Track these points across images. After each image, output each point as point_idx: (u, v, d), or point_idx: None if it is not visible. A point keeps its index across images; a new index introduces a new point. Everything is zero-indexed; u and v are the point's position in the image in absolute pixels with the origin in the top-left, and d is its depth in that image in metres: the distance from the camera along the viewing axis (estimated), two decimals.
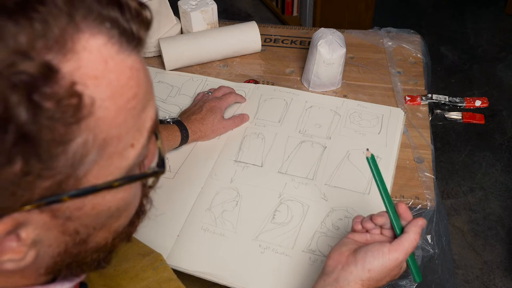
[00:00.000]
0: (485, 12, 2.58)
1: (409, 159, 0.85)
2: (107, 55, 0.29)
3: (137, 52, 0.31)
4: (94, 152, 0.29)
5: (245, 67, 1.06)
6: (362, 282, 0.54)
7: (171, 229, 0.75)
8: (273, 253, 0.72)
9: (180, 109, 0.95)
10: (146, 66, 0.33)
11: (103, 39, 0.29)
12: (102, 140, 0.29)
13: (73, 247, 0.34)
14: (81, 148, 0.28)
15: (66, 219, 0.32)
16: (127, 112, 0.30)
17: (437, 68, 2.24)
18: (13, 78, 0.25)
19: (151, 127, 0.34)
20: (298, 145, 0.87)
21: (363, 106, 0.93)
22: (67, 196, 0.29)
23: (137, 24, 0.30)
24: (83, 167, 0.29)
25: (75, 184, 0.30)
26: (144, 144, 0.33)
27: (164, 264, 0.60)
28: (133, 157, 0.32)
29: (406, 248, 0.54)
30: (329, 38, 0.91)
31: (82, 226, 0.33)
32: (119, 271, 0.57)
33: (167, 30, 1.09)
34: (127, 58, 0.30)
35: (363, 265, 0.54)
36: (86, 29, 0.28)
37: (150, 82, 0.34)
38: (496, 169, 1.84)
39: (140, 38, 0.31)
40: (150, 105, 0.33)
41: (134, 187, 0.36)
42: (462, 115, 0.95)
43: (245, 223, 0.76)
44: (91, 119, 0.28)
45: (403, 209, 0.57)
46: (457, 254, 1.59)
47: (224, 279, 0.70)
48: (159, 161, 0.37)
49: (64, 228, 0.32)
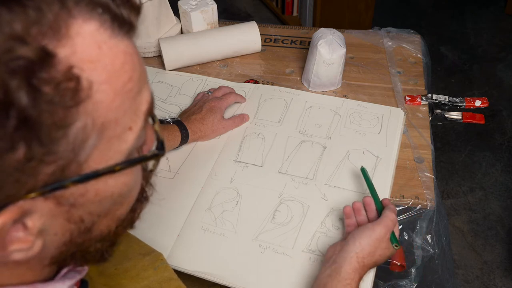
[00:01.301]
0: (485, 12, 2.58)
1: (409, 159, 0.85)
2: (100, 40, 0.29)
3: (129, 37, 0.32)
4: (94, 136, 0.30)
5: (245, 67, 1.06)
6: (356, 255, 0.61)
7: (171, 229, 0.75)
8: (273, 253, 0.72)
9: (180, 109, 0.95)
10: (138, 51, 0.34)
11: (95, 24, 0.29)
12: (101, 124, 0.30)
13: (78, 235, 0.35)
14: (81, 132, 0.29)
15: (71, 206, 0.32)
16: (124, 95, 0.31)
17: (437, 68, 2.24)
18: (12, 63, 0.25)
19: (147, 109, 0.34)
20: (298, 145, 0.87)
21: (363, 106, 0.93)
22: (70, 182, 0.30)
23: (127, 9, 0.31)
24: (84, 151, 0.30)
25: (77, 170, 0.30)
26: (141, 126, 0.34)
27: (164, 264, 0.60)
28: (132, 140, 0.33)
29: (386, 222, 0.64)
30: (329, 38, 0.92)
31: (87, 213, 0.34)
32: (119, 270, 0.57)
33: (167, 30, 1.09)
34: (120, 43, 0.31)
35: (354, 241, 0.63)
36: (78, 15, 0.28)
37: (144, 66, 0.34)
38: (496, 169, 1.84)
39: (131, 23, 0.32)
40: (145, 88, 0.34)
41: (135, 171, 0.37)
42: (462, 115, 0.95)
43: (245, 223, 0.76)
44: (89, 103, 0.28)
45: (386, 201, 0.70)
46: (457, 254, 1.59)
47: (224, 279, 0.70)
48: (158, 143, 0.38)
49: (69, 216, 0.33)
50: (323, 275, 0.62)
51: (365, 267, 0.62)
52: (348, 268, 0.61)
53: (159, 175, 0.82)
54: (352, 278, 0.60)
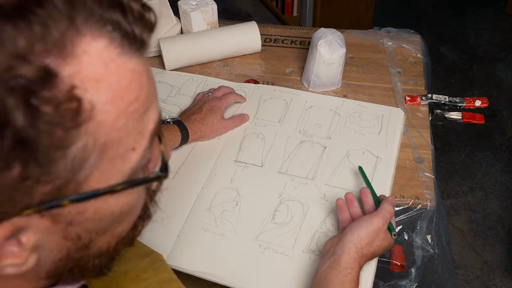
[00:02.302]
0: (485, 12, 2.58)
1: (409, 159, 0.84)
2: (108, 58, 0.29)
3: (140, 55, 0.31)
4: (95, 156, 0.29)
5: (245, 67, 1.06)
6: (355, 245, 0.63)
7: (171, 229, 0.75)
8: (273, 253, 0.72)
9: (180, 109, 0.95)
10: (150, 68, 0.33)
11: (104, 42, 0.28)
12: (103, 143, 0.29)
13: (75, 252, 0.34)
14: (81, 152, 0.28)
15: (68, 224, 0.31)
16: (129, 115, 0.30)
17: (437, 68, 2.24)
18: (11, 82, 0.24)
19: (154, 129, 0.33)
20: (298, 145, 0.87)
21: (363, 106, 0.93)
22: (67, 200, 0.29)
23: (140, 27, 0.30)
24: (83, 171, 0.29)
25: (76, 189, 0.29)
26: (146, 147, 0.33)
27: (164, 265, 0.60)
28: (135, 160, 0.32)
29: (383, 214, 0.65)
30: (329, 38, 0.91)
31: (84, 231, 0.33)
32: (119, 272, 0.57)
33: (167, 30, 1.09)
34: (129, 61, 0.30)
35: (352, 231, 0.64)
36: (87, 32, 0.28)
37: (153, 84, 0.33)
38: (496, 169, 1.84)
39: (143, 40, 0.31)
40: (153, 107, 0.33)
41: (138, 191, 0.36)
42: (462, 115, 0.95)
43: (245, 223, 0.75)
44: (91, 123, 0.28)
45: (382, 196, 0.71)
46: (457, 254, 1.59)
47: (224, 279, 0.70)
48: (162, 165, 0.36)
49: (65, 233, 0.32)
50: (323, 267, 0.63)
51: (364, 257, 0.63)
52: (347, 258, 0.62)
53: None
54: (352, 268, 0.61)
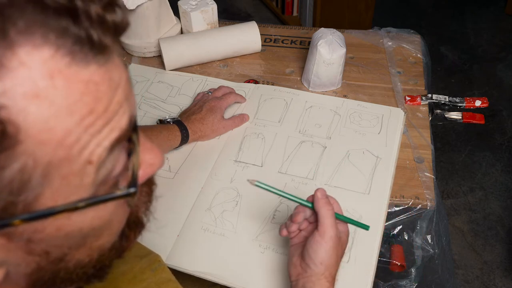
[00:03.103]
0: (485, 12, 2.58)
1: (409, 159, 0.84)
2: (53, 69, 0.26)
3: (100, 61, 0.28)
4: (38, 176, 0.27)
5: (245, 67, 1.06)
6: (323, 276, 0.57)
7: (171, 229, 0.75)
8: (273, 253, 0.72)
9: (180, 109, 0.95)
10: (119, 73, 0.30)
11: (49, 51, 0.25)
12: (47, 163, 0.27)
13: (48, 264, 0.33)
14: (19, 174, 0.26)
15: (27, 241, 0.30)
16: (82, 131, 0.27)
17: (437, 68, 2.24)
18: None
19: (118, 137, 0.30)
20: (298, 145, 0.87)
21: (363, 106, 0.93)
22: (17, 220, 0.27)
23: (99, 30, 0.27)
24: (29, 192, 0.27)
25: (25, 208, 0.28)
26: (105, 157, 0.30)
27: (162, 265, 0.60)
28: (93, 173, 0.29)
29: (328, 224, 0.58)
30: (329, 38, 0.91)
31: (52, 246, 0.32)
32: (117, 273, 0.57)
33: (167, 30, 1.09)
34: (82, 71, 0.27)
35: (314, 262, 0.58)
36: (26, 42, 0.25)
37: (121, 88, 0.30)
38: (496, 169, 1.84)
39: (103, 45, 0.28)
40: (120, 114, 0.30)
41: (112, 205, 0.33)
42: (462, 115, 0.95)
43: (245, 223, 0.75)
44: (28, 144, 0.25)
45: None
46: (457, 254, 1.59)
47: (224, 279, 0.70)
48: (132, 180, 0.33)
49: (28, 249, 0.31)
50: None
51: (334, 275, 0.59)
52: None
53: (159, 175, 0.82)
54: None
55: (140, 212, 0.39)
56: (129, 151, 0.33)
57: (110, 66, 0.29)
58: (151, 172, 0.36)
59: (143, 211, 0.39)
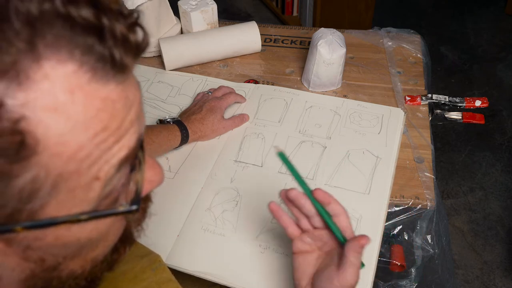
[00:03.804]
0: (485, 12, 2.58)
1: (409, 159, 0.84)
2: (75, 85, 0.26)
3: (118, 79, 0.28)
4: (48, 187, 0.27)
5: (245, 67, 1.06)
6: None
7: (171, 229, 0.75)
8: (273, 253, 0.72)
9: (180, 109, 0.95)
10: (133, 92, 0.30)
11: (73, 66, 0.26)
12: (58, 175, 0.27)
13: (42, 272, 0.33)
14: (30, 184, 0.26)
15: (25, 247, 0.30)
16: (93, 147, 0.28)
17: (437, 68, 2.24)
18: None
19: (125, 156, 0.31)
20: (298, 145, 0.87)
21: (363, 106, 0.93)
22: (20, 227, 0.28)
23: (121, 50, 0.28)
24: (36, 201, 0.27)
25: (29, 216, 0.28)
26: (112, 175, 0.30)
27: (162, 265, 0.60)
28: (99, 188, 0.30)
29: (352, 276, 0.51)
30: (329, 38, 0.91)
31: (48, 254, 0.32)
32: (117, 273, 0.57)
33: (167, 30, 1.09)
34: (101, 88, 0.27)
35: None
36: (51, 56, 0.25)
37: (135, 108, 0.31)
38: (496, 169, 1.84)
39: (123, 64, 0.28)
40: (130, 132, 0.30)
41: (111, 219, 0.34)
42: (462, 115, 0.95)
43: (245, 223, 0.75)
44: (42, 156, 0.26)
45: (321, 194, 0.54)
46: (457, 254, 1.59)
47: (224, 279, 0.70)
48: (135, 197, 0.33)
49: (25, 256, 0.31)
50: None
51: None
52: None
53: None
54: None
55: (133, 228, 0.39)
56: (131, 167, 0.33)
57: (127, 85, 0.30)
58: (150, 188, 0.37)
59: (135, 227, 0.39)
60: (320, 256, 0.56)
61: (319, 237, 0.56)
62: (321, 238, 0.56)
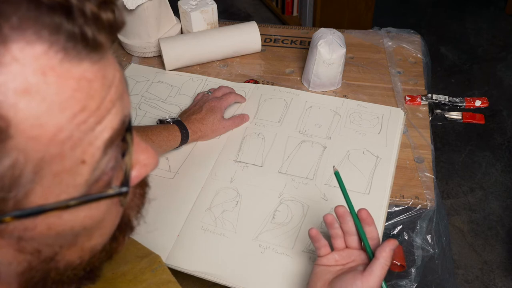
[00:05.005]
0: (485, 12, 2.58)
1: (409, 159, 0.84)
2: (46, 66, 0.26)
3: (93, 58, 0.28)
4: (30, 172, 0.27)
5: (245, 67, 1.06)
6: None
7: (171, 229, 0.75)
8: (273, 253, 0.72)
9: (180, 109, 0.95)
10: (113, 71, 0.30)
11: (42, 47, 0.26)
12: (39, 159, 0.27)
13: (39, 264, 0.33)
14: (10, 170, 0.26)
15: (18, 239, 0.30)
16: (74, 128, 0.27)
17: (437, 68, 2.24)
18: None
19: (110, 138, 0.30)
20: (298, 145, 0.87)
21: (363, 106, 0.93)
22: (8, 217, 0.27)
23: (93, 28, 0.27)
24: (20, 188, 0.27)
25: (16, 205, 0.28)
26: (99, 158, 0.30)
27: (162, 266, 0.60)
28: (87, 173, 0.29)
29: (378, 276, 0.55)
30: (329, 38, 0.91)
31: (43, 245, 0.32)
32: (117, 274, 0.57)
33: (167, 30, 1.09)
34: (75, 68, 0.27)
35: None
36: (19, 38, 0.25)
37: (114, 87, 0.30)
38: (496, 169, 1.84)
39: (97, 42, 0.28)
40: (113, 113, 0.30)
41: (104, 204, 0.33)
42: (462, 115, 0.95)
43: (245, 223, 0.75)
44: (19, 139, 0.25)
45: (365, 214, 0.59)
46: (457, 254, 1.59)
47: (224, 279, 0.70)
48: (124, 179, 0.33)
49: (19, 247, 0.31)
50: None
51: None
52: None
53: (159, 175, 0.82)
54: None
55: (132, 215, 0.39)
56: (123, 151, 0.33)
57: (104, 64, 0.29)
58: (145, 172, 0.36)
59: (134, 214, 0.39)
60: (342, 269, 0.60)
61: (347, 255, 0.60)
62: (349, 257, 0.60)
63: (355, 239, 0.60)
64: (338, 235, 0.60)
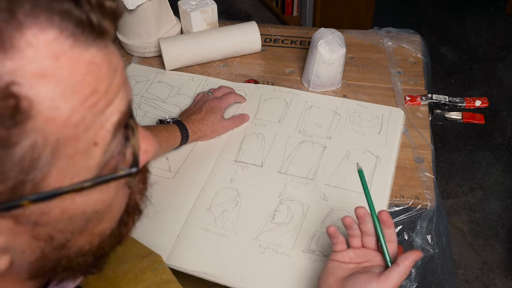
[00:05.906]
0: (485, 12, 2.58)
1: (409, 159, 0.84)
2: (58, 50, 0.27)
3: (99, 44, 0.29)
4: (47, 154, 0.28)
5: (245, 67, 1.06)
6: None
7: (171, 229, 0.75)
8: (273, 253, 0.72)
9: (180, 109, 0.95)
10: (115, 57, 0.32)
11: (53, 33, 0.27)
12: (55, 141, 0.28)
13: (51, 252, 0.33)
14: (30, 151, 0.27)
15: (34, 224, 0.30)
16: (86, 110, 0.29)
17: (437, 68, 2.24)
18: None
19: (119, 121, 0.31)
20: (298, 145, 0.87)
21: (363, 106, 0.93)
22: (26, 201, 0.28)
23: (98, 14, 0.29)
24: (37, 170, 0.28)
25: (33, 188, 0.28)
26: (109, 140, 0.31)
27: (163, 266, 0.60)
28: (99, 155, 0.31)
29: (395, 282, 0.54)
30: (329, 38, 0.91)
31: (56, 230, 0.32)
32: (118, 273, 0.57)
33: (167, 30, 1.09)
34: (84, 52, 0.28)
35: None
36: (32, 25, 0.26)
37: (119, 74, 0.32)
38: (496, 169, 1.84)
39: (102, 29, 0.29)
40: (120, 97, 0.31)
41: (113, 187, 0.34)
42: (462, 115, 0.95)
43: (245, 223, 0.76)
44: (38, 120, 0.26)
45: (386, 217, 0.58)
46: (457, 254, 1.59)
47: (224, 279, 0.70)
48: (133, 160, 0.34)
49: (34, 234, 0.31)
50: None
51: None
52: None
53: (159, 175, 0.82)
54: None
55: (137, 198, 0.40)
56: (126, 137, 0.34)
57: (108, 50, 0.31)
58: (146, 159, 0.37)
59: (139, 197, 0.40)
60: (356, 268, 0.59)
61: (362, 255, 0.60)
62: (365, 256, 0.59)
63: (373, 240, 0.59)
64: (356, 235, 0.60)
